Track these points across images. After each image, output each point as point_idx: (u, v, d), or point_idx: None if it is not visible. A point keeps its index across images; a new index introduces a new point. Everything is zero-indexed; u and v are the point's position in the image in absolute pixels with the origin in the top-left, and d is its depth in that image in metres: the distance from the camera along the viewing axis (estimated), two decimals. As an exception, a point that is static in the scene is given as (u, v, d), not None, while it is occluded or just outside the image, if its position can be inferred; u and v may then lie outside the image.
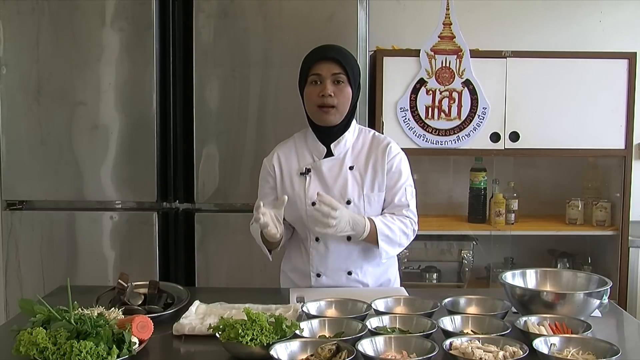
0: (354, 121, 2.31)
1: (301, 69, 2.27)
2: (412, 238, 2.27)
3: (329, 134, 2.26)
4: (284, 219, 2.18)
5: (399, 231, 2.20)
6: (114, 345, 1.53)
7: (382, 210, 2.27)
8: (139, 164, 3.06)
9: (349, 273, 2.27)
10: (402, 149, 3.34)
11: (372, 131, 2.36)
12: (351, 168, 2.25)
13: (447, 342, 1.58)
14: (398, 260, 3.43)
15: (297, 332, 1.64)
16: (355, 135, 2.31)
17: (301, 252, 2.31)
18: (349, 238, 2.22)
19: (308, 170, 2.25)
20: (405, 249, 2.33)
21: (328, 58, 2.20)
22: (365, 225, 2.13)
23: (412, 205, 2.27)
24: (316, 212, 2.06)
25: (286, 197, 2.11)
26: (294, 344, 1.58)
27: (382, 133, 3.27)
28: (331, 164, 2.26)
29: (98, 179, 3.06)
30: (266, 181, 2.33)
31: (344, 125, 2.26)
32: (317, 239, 2.25)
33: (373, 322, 1.74)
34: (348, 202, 2.21)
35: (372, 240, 2.16)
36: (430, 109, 3.33)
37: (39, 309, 1.67)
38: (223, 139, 3.07)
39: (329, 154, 2.27)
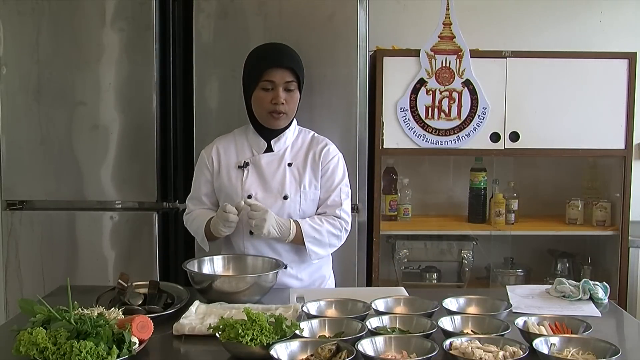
0: (294, 120, 2.37)
1: (250, 70, 2.31)
2: (344, 238, 2.34)
3: (270, 131, 2.33)
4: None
5: (326, 233, 2.27)
6: (114, 345, 1.53)
7: (317, 208, 2.33)
8: (139, 164, 3.06)
9: (285, 267, 2.29)
10: (402, 149, 3.38)
11: (312, 132, 2.43)
12: (289, 165, 2.32)
13: (447, 342, 1.59)
14: (398, 260, 3.46)
15: (297, 332, 1.64)
16: (295, 134, 2.38)
17: (234, 249, 2.35)
18: None
19: (246, 164, 2.32)
20: (337, 249, 2.38)
21: (283, 66, 2.24)
22: (290, 228, 2.21)
23: (346, 205, 2.34)
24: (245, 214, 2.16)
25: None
26: (294, 344, 1.58)
27: (382, 133, 3.31)
28: (270, 159, 2.32)
29: (98, 179, 3.06)
30: (202, 173, 2.39)
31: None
32: (251, 233, 2.30)
33: (373, 322, 1.74)
34: (285, 198, 2.27)
35: (298, 241, 2.24)
36: (430, 109, 3.32)
37: (39, 309, 1.67)
38: (223, 139, 3.06)
39: (269, 150, 2.33)
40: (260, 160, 2.32)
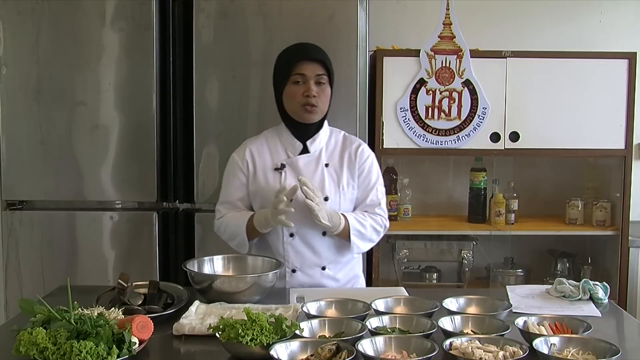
0: (326, 121, 2.36)
1: (281, 66, 2.30)
2: (383, 234, 2.36)
3: (304, 132, 2.31)
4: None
5: (370, 227, 2.28)
6: (114, 345, 1.53)
7: (355, 208, 2.33)
8: (139, 164, 3.06)
9: (323, 268, 2.30)
10: (402, 149, 3.38)
11: (342, 132, 2.42)
12: (327, 165, 2.30)
13: (447, 342, 1.58)
14: (398, 260, 3.47)
15: (297, 332, 1.64)
16: (327, 134, 2.37)
17: (272, 252, 2.32)
18: (324, 233, 2.27)
19: (283, 166, 2.29)
20: (376, 244, 2.39)
21: (313, 59, 2.24)
22: (340, 219, 2.21)
23: (383, 203, 2.36)
24: (304, 191, 2.12)
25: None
26: (294, 344, 1.58)
27: (382, 133, 3.31)
28: (307, 160, 2.30)
29: (98, 179, 3.06)
30: (235, 177, 2.34)
31: (319, 124, 2.32)
32: (291, 235, 2.28)
33: (373, 322, 1.74)
34: (326, 199, 2.25)
35: (344, 234, 2.23)
36: (430, 109, 3.32)
37: (39, 309, 1.67)
38: (223, 139, 3.06)
39: (304, 151, 2.31)
40: (298, 162, 2.29)
